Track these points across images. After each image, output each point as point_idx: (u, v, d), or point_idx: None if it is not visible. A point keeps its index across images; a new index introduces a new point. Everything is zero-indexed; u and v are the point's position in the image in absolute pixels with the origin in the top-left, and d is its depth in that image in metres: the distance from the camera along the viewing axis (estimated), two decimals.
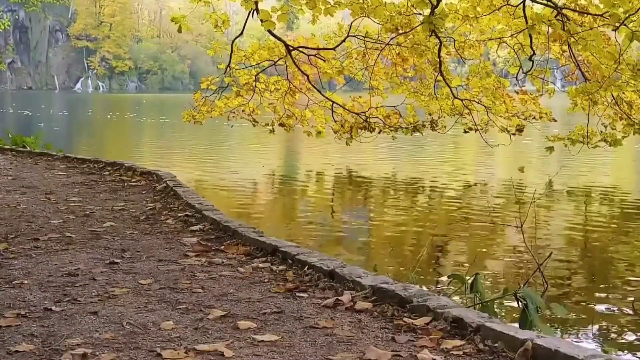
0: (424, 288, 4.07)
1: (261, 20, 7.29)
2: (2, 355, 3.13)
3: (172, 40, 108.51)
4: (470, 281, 4.93)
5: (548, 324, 5.14)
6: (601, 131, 10.73)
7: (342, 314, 3.74)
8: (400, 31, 8.59)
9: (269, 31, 7.86)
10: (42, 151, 12.96)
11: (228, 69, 10.15)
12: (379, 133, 10.94)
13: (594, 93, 8.61)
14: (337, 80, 10.35)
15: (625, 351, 5.19)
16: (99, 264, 4.84)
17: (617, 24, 6.22)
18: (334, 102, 10.45)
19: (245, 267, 4.76)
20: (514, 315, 5.28)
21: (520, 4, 7.90)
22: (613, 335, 5.53)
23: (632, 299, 6.33)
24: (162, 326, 3.51)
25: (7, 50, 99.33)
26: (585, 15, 8.33)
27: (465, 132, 11.27)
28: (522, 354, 2.98)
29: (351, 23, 9.01)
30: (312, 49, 9.91)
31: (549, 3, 7.46)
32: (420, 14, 8.18)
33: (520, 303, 4.60)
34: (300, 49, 9.60)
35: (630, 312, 6.05)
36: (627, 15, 6.16)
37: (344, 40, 9.65)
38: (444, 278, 6.79)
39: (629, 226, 10.24)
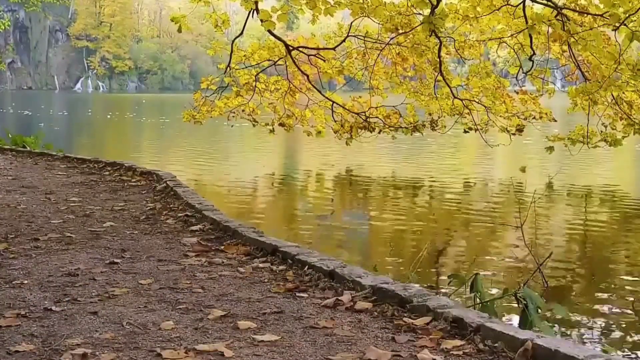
0: (424, 288, 4.06)
1: (261, 20, 7.29)
2: (2, 355, 3.13)
3: (172, 40, 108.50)
4: (470, 281, 4.93)
5: (548, 324, 5.14)
6: (601, 131, 10.73)
7: (342, 314, 3.73)
8: (400, 31, 8.59)
9: (269, 31, 7.86)
10: (42, 151, 12.96)
11: (228, 69, 10.15)
12: (379, 133, 10.94)
13: (594, 93, 8.60)
14: (337, 80, 10.34)
15: (626, 351, 5.19)
16: (99, 264, 4.84)
17: (617, 24, 6.22)
18: (334, 102, 10.45)
19: (245, 267, 4.76)
20: (514, 315, 5.28)
21: (520, 4, 7.90)
22: (613, 335, 5.52)
23: (632, 298, 6.33)
24: (162, 326, 3.51)
25: (7, 50, 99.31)
26: (585, 15, 8.33)
27: (465, 132, 11.27)
28: (522, 354, 2.98)
29: (351, 23, 9.01)
30: (312, 48, 9.91)
31: (549, 3, 7.46)
32: (420, 14, 8.18)
33: (520, 303, 4.59)
34: (300, 49, 9.60)
35: (630, 311, 6.05)
36: (627, 15, 6.16)
37: (344, 40, 9.65)
38: (444, 278, 6.79)
39: (629, 226, 10.24)
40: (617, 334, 5.57)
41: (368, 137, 10.93)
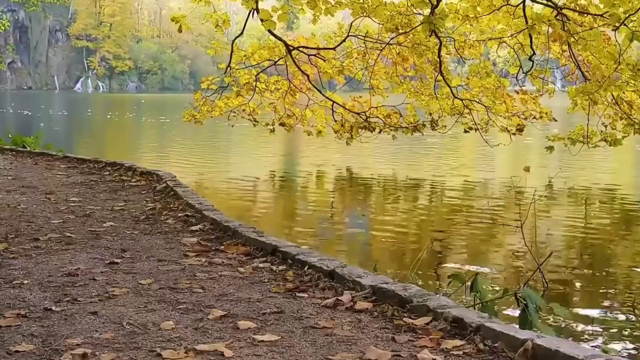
0: (424, 288, 4.06)
1: (261, 20, 7.29)
2: (2, 355, 3.13)
3: (172, 40, 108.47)
4: (470, 281, 4.93)
5: (548, 324, 5.13)
6: (601, 131, 10.74)
7: (342, 314, 3.73)
8: (401, 31, 8.59)
9: (269, 31, 7.86)
10: (42, 151, 12.96)
11: (228, 68, 10.15)
12: (379, 133, 10.94)
13: (594, 93, 8.61)
14: (337, 80, 10.35)
15: (626, 351, 5.18)
16: (99, 264, 4.83)
17: (617, 24, 6.22)
18: (334, 102, 10.46)
19: (245, 267, 4.76)
20: (514, 315, 5.27)
21: (520, 4, 7.90)
22: (613, 335, 5.52)
23: (632, 298, 6.33)
24: (162, 326, 3.51)
25: (7, 50, 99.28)
26: (585, 15, 8.33)
27: (465, 131, 11.28)
28: (522, 354, 2.98)
29: (351, 23, 9.02)
30: (312, 48, 9.91)
31: (549, 3, 7.46)
32: (420, 13, 8.19)
33: (520, 303, 4.59)
34: (301, 49, 9.60)
35: (631, 311, 6.05)
36: (627, 15, 6.16)
37: (344, 40, 9.66)
38: (444, 278, 6.79)
39: (629, 226, 10.24)
40: (617, 333, 5.57)
41: (368, 137, 10.93)
